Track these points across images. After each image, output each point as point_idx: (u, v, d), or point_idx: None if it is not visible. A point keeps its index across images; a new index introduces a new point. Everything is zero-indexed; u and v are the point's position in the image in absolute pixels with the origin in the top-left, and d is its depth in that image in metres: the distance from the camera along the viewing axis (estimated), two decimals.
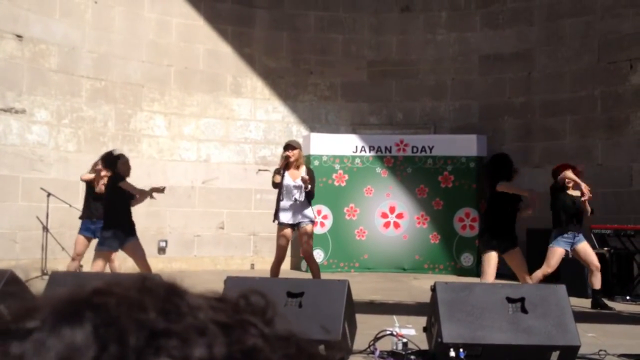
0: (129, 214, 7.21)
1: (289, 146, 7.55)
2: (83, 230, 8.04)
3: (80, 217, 8.16)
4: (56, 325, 0.43)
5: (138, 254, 7.15)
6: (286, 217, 7.42)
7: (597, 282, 7.74)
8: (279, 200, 7.44)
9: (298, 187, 7.40)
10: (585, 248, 7.75)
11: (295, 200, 7.39)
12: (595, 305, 7.76)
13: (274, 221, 7.50)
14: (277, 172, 7.49)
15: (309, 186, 7.38)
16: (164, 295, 0.46)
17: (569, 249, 7.67)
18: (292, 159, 7.43)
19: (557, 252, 7.57)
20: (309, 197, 7.50)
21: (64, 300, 0.45)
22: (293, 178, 7.44)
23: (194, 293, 0.48)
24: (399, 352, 4.78)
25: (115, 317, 0.43)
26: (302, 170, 7.49)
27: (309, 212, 7.49)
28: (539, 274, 7.35)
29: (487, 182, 6.98)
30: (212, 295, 0.48)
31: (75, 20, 10.88)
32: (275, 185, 7.48)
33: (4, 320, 0.45)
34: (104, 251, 7.07)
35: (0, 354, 0.43)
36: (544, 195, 7.74)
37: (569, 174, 7.56)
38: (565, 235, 7.63)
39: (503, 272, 7.34)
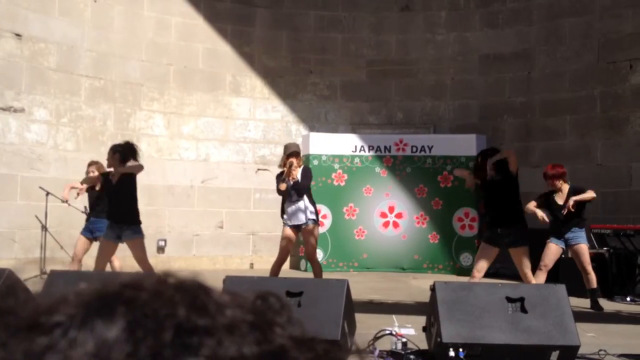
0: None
1: (293, 153, 7.50)
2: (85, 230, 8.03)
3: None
4: (87, 320, 0.43)
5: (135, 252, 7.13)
6: (289, 219, 7.44)
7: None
8: (282, 202, 7.51)
9: (295, 187, 7.45)
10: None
11: (294, 200, 7.40)
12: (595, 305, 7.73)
13: (283, 222, 7.55)
14: (281, 180, 7.45)
15: (295, 180, 7.33)
16: (193, 292, 0.45)
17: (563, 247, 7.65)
18: (300, 166, 7.44)
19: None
20: (302, 193, 7.44)
21: (95, 294, 0.45)
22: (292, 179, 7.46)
23: (219, 291, 0.47)
24: (399, 351, 4.77)
25: (148, 312, 0.43)
26: (298, 171, 7.49)
27: (312, 212, 7.47)
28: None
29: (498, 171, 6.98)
30: (235, 294, 0.48)
31: (74, 19, 10.87)
32: (280, 192, 7.49)
33: (30, 313, 0.44)
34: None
35: (27, 347, 0.42)
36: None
37: (530, 207, 7.51)
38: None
39: (502, 272, 7.34)
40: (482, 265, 6.81)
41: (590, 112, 11.46)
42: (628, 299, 8.56)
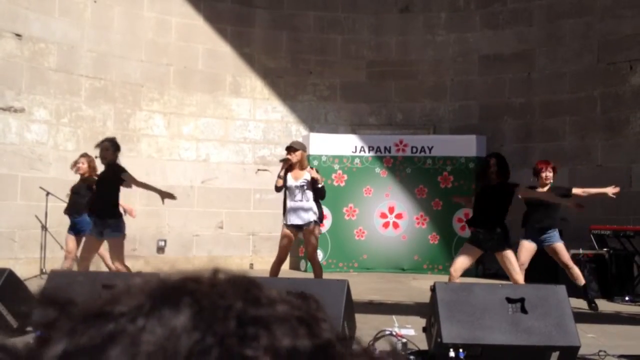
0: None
1: (290, 148, 7.53)
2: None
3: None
4: (154, 309, 0.44)
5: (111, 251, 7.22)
6: (290, 218, 7.42)
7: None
8: (284, 201, 7.48)
9: (299, 187, 7.40)
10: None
11: (297, 200, 7.39)
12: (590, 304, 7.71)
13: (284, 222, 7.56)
14: (279, 176, 7.49)
15: (321, 184, 7.42)
16: (245, 286, 0.47)
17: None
18: (294, 160, 7.42)
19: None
20: (319, 197, 7.48)
21: (158, 285, 0.47)
22: (295, 178, 7.43)
23: (267, 287, 0.49)
24: (399, 352, 4.77)
25: (211, 303, 0.45)
26: (307, 171, 7.49)
27: (314, 213, 7.44)
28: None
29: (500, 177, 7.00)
30: (279, 291, 0.50)
31: (74, 19, 10.87)
32: (277, 189, 7.49)
33: (93, 304, 0.46)
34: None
35: (96, 332, 0.43)
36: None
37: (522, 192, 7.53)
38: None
39: (502, 273, 7.34)
40: (460, 263, 6.85)
41: (590, 113, 11.46)
42: (627, 298, 8.57)
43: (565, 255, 7.59)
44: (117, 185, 7.31)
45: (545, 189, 7.66)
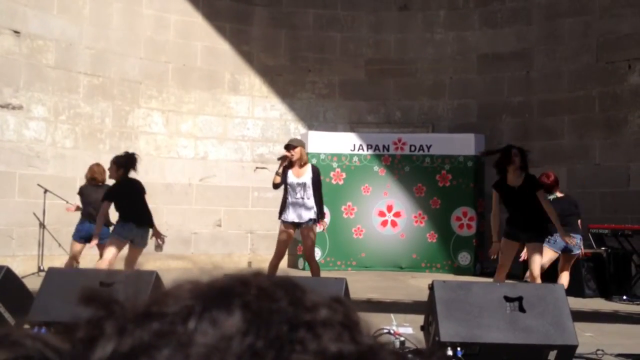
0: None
1: (289, 146, 7.54)
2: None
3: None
4: (206, 311, 0.44)
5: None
6: (290, 215, 7.41)
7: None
8: (284, 198, 7.47)
9: (301, 185, 7.41)
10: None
11: (299, 198, 7.40)
12: None
13: (279, 218, 7.52)
14: (277, 173, 7.49)
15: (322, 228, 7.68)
16: (290, 289, 0.47)
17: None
18: (294, 158, 7.42)
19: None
20: (318, 196, 7.51)
21: (208, 288, 0.46)
22: (296, 175, 7.44)
23: (310, 289, 0.49)
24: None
25: (262, 306, 0.44)
26: (308, 168, 7.51)
27: (314, 211, 7.44)
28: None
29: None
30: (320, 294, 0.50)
31: (73, 16, 10.85)
32: (275, 186, 7.50)
33: (140, 305, 0.46)
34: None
35: (145, 333, 0.43)
36: None
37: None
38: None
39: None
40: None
41: (588, 112, 11.47)
42: (624, 297, 8.58)
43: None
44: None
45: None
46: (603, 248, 9.15)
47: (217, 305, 0.44)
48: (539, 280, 6.71)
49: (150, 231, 7.37)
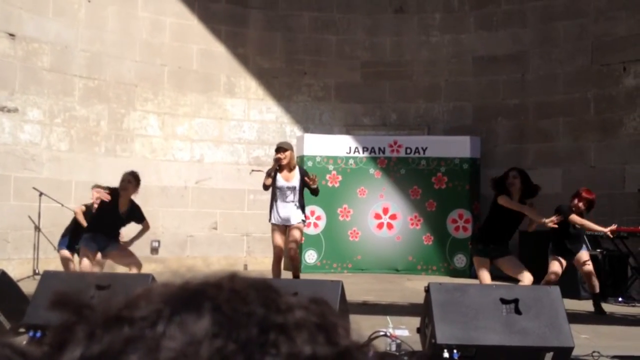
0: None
1: (280, 149, 7.59)
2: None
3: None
4: (175, 315, 0.43)
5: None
6: (279, 218, 7.47)
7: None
8: (273, 201, 7.49)
9: (291, 189, 7.47)
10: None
11: (290, 201, 7.45)
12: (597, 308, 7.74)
13: (270, 221, 7.58)
14: (268, 174, 7.52)
15: (316, 186, 7.60)
16: (264, 291, 0.47)
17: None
18: (284, 162, 7.47)
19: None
20: (313, 195, 7.69)
21: (178, 291, 0.46)
22: (286, 179, 7.49)
23: (284, 291, 0.48)
24: (393, 353, 4.77)
25: (232, 309, 0.44)
26: (297, 172, 7.55)
27: (301, 213, 7.58)
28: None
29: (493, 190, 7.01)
30: (294, 296, 0.49)
31: (68, 19, 10.84)
32: (266, 187, 7.54)
33: (109, 308, 0.45)
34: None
35: (115, 337, 0.42)
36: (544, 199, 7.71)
37: (576, 219, 7.50)
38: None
39: (497, 274, 7.34)
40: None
41: (584, 114, 11.49)
42: (620, 299, 8.60)
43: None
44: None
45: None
46: (599, 250, 9.16)
47: (187, 308, 0.44)
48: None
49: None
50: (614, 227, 7.76)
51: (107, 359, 0.42)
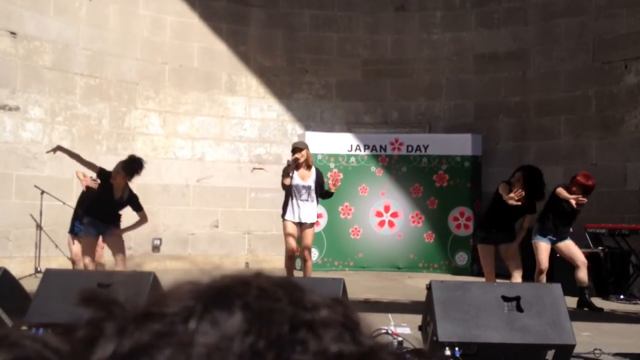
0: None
1: (296, 149, 7.71)
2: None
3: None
4: (207, 312, 0.43)
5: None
6: (293, 215, 7.59)
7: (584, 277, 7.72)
8: (287, 198, 7.59)
9: (307, 187, 7.58)
10: (568, 245, 7.74)
11: (304, 200, 7.57)
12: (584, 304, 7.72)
13: (282, 217, 7.67)
14: (286, 174, 7.58)
15: (334, 191, 7.83)
16: (290, 289, 0.47)
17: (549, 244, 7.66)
18: (301, 160, 7.57)
19: (540, 247, 7.58)
20: (326, 197, 7.92)
21: (209, 288, 0.46)
22: (302, 178, 7.60)
23: (309, 290, 0.49)
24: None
25: (262, 307, 0.44)
26: (313, 171, 7.68)
27: (314, 213, 7.76)
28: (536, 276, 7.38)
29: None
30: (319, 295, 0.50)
31: (69, 17, 10.84)
32: (285, 187, 7.62)
33: (140, 305, 0.46)
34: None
35: (145, 334, 0.43)
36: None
37: (563, 193, 7.55)
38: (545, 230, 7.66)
39: (501, 272, 7.35)
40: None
41: (585, 112, 11.48)
42: (622, 297, 8.60)
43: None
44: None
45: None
46: (600, 248, 9.17)
47: (218, 305, 0.44)
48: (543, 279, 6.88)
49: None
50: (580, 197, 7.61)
51: (140, 353, 0.42)
